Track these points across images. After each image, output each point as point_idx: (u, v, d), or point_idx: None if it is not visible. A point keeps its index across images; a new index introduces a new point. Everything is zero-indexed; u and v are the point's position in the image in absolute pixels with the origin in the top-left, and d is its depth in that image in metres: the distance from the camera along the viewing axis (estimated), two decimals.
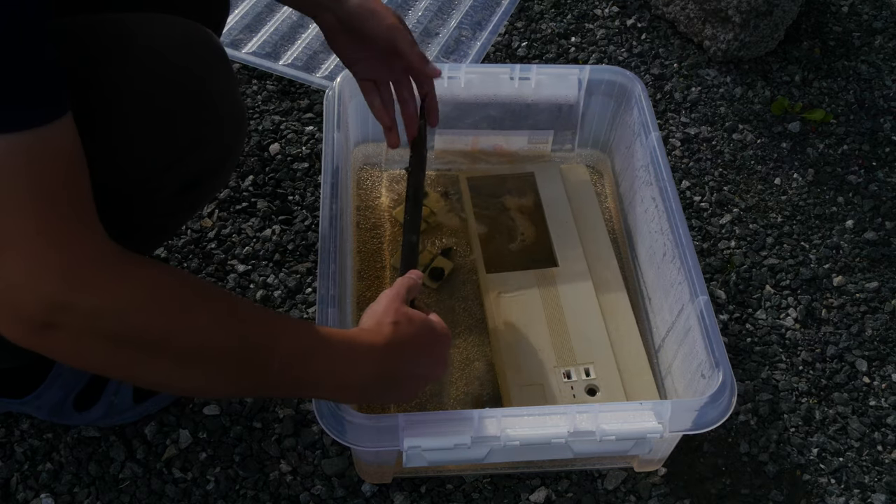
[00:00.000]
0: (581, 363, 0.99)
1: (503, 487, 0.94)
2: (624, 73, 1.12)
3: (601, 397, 0.96)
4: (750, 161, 1.30)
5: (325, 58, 1.37)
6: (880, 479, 0.99)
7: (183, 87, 0.69)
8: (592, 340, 1.01)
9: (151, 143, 0.68)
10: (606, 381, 0.97)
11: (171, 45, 0.68)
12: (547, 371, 0.98)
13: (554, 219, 1.13)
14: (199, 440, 0.96)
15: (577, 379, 0.98)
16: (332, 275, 0.88)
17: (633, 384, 0.98)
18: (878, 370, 1.08)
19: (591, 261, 1.09)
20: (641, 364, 1.00)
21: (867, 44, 1.49)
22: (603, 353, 1.00)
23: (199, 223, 1.14)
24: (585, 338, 1.01)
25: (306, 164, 1.23)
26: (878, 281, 1.16)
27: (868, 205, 1.25)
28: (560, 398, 0.96)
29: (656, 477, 0.96)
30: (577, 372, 0.98)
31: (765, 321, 1.11)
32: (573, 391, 0.97)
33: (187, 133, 0.70)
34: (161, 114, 0.68)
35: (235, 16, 1.42)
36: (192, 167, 0.73)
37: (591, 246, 1.11)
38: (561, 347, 1.00)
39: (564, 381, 0.97)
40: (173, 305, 0.60)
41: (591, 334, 1.02)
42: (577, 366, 0.99)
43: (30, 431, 0.95)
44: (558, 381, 0.97)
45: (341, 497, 0.93)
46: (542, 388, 0.97)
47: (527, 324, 1.02)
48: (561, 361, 0.99)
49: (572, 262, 1.08)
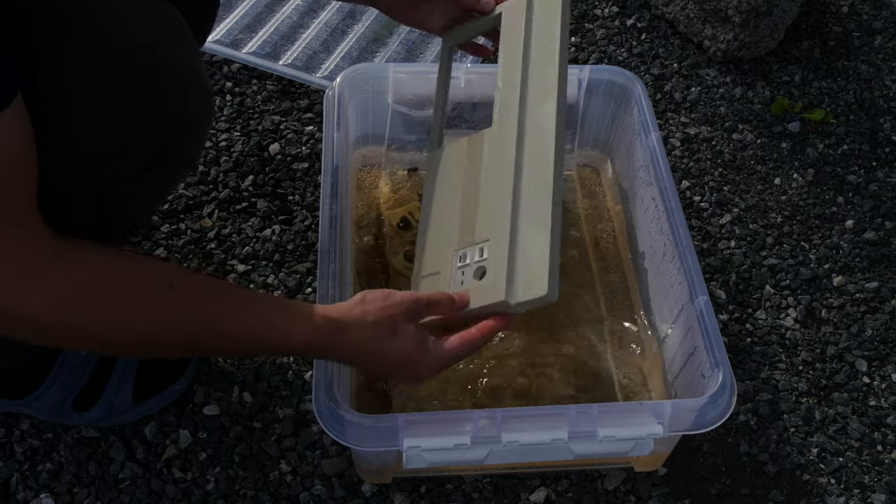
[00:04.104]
0: (478, 242, 0.84)
1: (503, 487, 0.94)
2: (624, 73, 1.12)
3: (486, 281, 0.81)
4: (750, 161, 1.30)
5: (325, 58, 1.37)
6: (880, 479, 0.99)
7: (136, 62, 0.64)
8: (495, 214, 0.84)
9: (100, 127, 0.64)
10: (494, 262, 0.81)
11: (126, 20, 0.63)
12: (447, 256, 0.87)
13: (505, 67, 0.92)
14: (199, 440, 0.96)
15: (469, 261, 0.84)
16: (332, 275, 0.88)
17: (522, 260, 0.80)
18: (878, 370, 1.08)
19: (529, 114, 0.87)
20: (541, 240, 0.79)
21: (867, 44, 1.49)
22: (500, 229, 0.82)
23: (199, 223, 1.14)
24: (490, 211, 0.85)
25: (306, 164, 1.23)
26: (878, 281, 1.16)
27: (868, 205, 1.25)
28: (452, 286, 0.84)
29: (656, 477, 0.96)
30: (472, 253, 0.84)
31: (765, 321, 1.11)
32: (462, 277, 0.84)
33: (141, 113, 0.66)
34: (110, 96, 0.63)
35: (235, 16, 1.42)
36: (150, 147, 0.68)
37: (535, 97, 0.88)
38: (467, 226, 0.87)
39: (458, 265, 0.85)
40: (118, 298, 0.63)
41: (496, 207, 0.84)
42: (474, 245, 0.85)
43: (30, 431, 0.95)
44: (453, 268, 0.85)
45: (341, 497, 0.93)
46: (437, 278, 0.87)
47: (444, 200, 0.91)
48: (462, 242, 0.86)
49: (506, 121, 0.89)
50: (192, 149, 0.75)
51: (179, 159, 0.74)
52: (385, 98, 1.11)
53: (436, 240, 0.90)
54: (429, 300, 0.78)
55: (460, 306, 0.80)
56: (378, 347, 0.74)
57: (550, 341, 1.03)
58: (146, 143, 0.67)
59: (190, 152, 0.75)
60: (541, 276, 0.77)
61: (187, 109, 0.69)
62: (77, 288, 0.62)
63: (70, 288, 0.62)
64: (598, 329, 1.05)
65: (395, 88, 1.10)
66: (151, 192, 0.77)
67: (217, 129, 1.26)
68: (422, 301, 0.78)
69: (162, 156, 0.70)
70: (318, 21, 1.43)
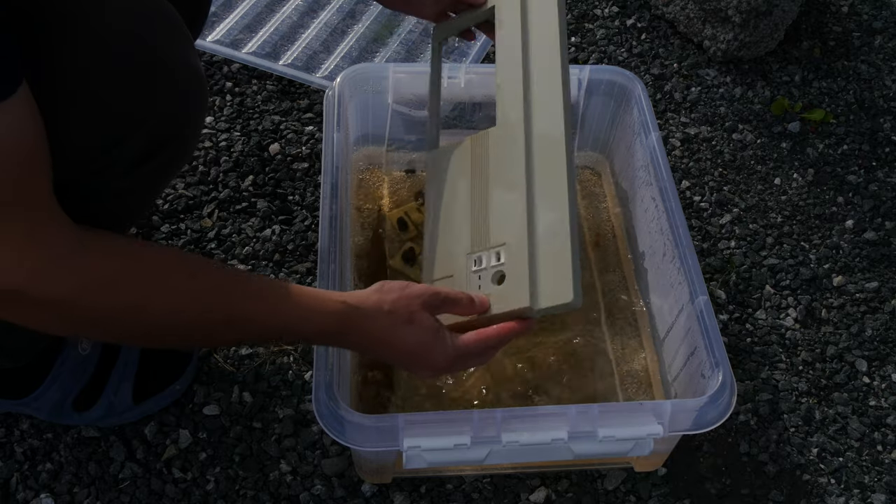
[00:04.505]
0: (494, 246, 0.83)
1: (503, 487, 0.94)
2: (624, 73, 1.12)
3: (508, 286, 0.80)
4: (750, 161, 1.30)
5: (325, 58, 1.37)
6: (880, 479, 0.99)
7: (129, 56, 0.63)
8: (509, 216, 0.83)
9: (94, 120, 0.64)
10: (514, 266, 0.80)
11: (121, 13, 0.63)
12: (460, 259, 0.85)
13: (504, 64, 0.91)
14: (198, 440, 0.96)
15: (486, 265, 0.82)
16: (331, 275, 0.88)
17: (545, 265, 0.78)
18: (878, 370, 1.08)
19: (535, 113, 0.86)
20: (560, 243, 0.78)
21: (867, 44, 1.49)
22: (516, 232, 0.81)
23: (199, 223, 1.14)
24: (504, 214, 0.83)
25: (306, 164, 1.23)
26: (878, 281, 1.16)
27: (868, 205, 1.25)
28: (468, 289, 0.82)
29: (656, 477, 0.96)
30: (488, 257, 0.83)
31: (765, 321, 1.11)
32: (480, 281, 0.82)
33: (136, 104, 0.65)
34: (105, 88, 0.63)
35: (235, 16, 1.42)
36: (145, 139, 0.68)
37: (539, 95, 0.87)
38: (478, 229, 0.85)
39: (473, 268, 0.83)
40: (141, 285, 0.64)
41: (509, 209, 0.83)
42: (489, 249, 0.83)
43: (30, 431, 0.95)
44: (468, 272, 0.84)
45: (341, 497, 0.93)
46: (451, 282, 0.84)
47: (452, 202, 0.89)
48: (475, 246, 0.85)
49: (511, 120, 0.87)
50: (187, 141, 0.75)
51: (175, 151, 0.74)
52: (385, 98, 1.11)
53: (445, 242, 0.88)
54: (447, 296, 0.78)
55: (481, 310, 0.79)
56: (392, 336, 0.74)
57: (550, 341, 1.03)
58: (141, 135, 0.67)
59: (185, 144, 0.75)
60: (565, 282, 0.75)
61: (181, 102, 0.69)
62: (101, 275, 0.62)
63: (95, 274, 0.62)
64: (598, 329, 1.05)
65: (395, 88, 1.10)
66: (147, 185, 0.77)
67: (217, 129, 1.26)
68: (440, 295, 0.77)
69: (157, 148, 0.70)
70: (318, 21, 1.43)
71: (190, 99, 0.70)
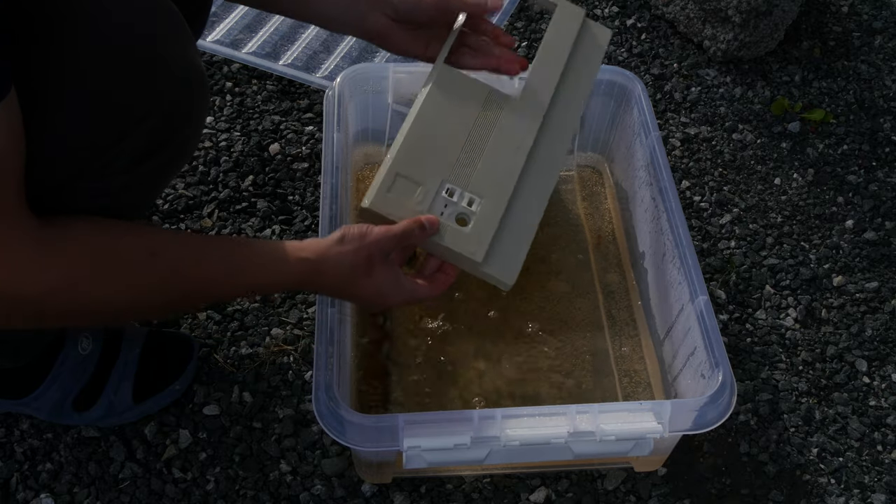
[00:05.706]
0: (472, 191, 0.87)
1: (503, 487, 0.94)
2: (624, 73, 1.12)
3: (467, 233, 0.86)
4: (750, 161, 1.30)
5: (325, 58, 1.37)
6: (880, 479, 0.99)
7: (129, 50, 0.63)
8: (498, 175, 0.89)
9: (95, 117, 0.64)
10: (482, 221, 0.86)
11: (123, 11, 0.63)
12: (435, 177, 0.87)
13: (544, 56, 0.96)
14: (198, 440, 0.96)
15: (456, 201, 0.87)
16: None
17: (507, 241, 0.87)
18: (878, 370, 1.08)
19: (558, 107, 0.93)
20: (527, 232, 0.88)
21: (867, 44, 1.49)
22: (498, 194, 0.88)
23: (199, 223, 1.14)
24: (494, 169, 0.89)
25: (306, 164, 1.23)
26: (878, 281, 1.16)
27: (868, 205, 1.25)
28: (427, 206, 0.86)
29: (656, 477, 0.96)
30: (461, 196, 0.87)
31: (765, 321, 1.11)
32: (444, 209, 0.86)
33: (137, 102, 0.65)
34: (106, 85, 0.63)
35: (235, 16, 1.42)
36: (146, 137, 0.68)
37: (567, 94, 0.94)
38: (462, 165, 0.88)
39: (444, 195, 0.87)
40: (103, 273, 0.66)
41: (499, 172, 0.89)
42: (466, 192, 0.87)
43: (30, 431, 0.95)
44: (437, 194, 0.87)
45: (341, 497, 0.93)
46: (415, 188, 0.87)
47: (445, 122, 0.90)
48: (454, 176, 0.88)
49: (533, 98, 0.93)
50: (188, 140, 0.75)
51: (175, 150, 0.74)
52: (385, 98, 1.11)
53: (424, 150, 0.89)
54: (403, 232, 0.82)
55: (430, 233, 0.84)
56: (352, 287, 0.80)
57: (550, 341, 1.03)
58: (142, 131, 0.67)
59: (186, 144, 0.76)
60: (514, 266, 0.87)
61: (182, 99, 0.69)
62: (65, 271, 0.64)
63: (58, 276, 0.64)
64: (598, 329, 1.05)
65: (394, 88, 1.10)
66: (147, 185, 0.76)
67: (217, 129, 1.26)
68: (396, 235, 0.81)
69: (157, 147, 0.70)
70: None
71: (191, 94, 0.70)
